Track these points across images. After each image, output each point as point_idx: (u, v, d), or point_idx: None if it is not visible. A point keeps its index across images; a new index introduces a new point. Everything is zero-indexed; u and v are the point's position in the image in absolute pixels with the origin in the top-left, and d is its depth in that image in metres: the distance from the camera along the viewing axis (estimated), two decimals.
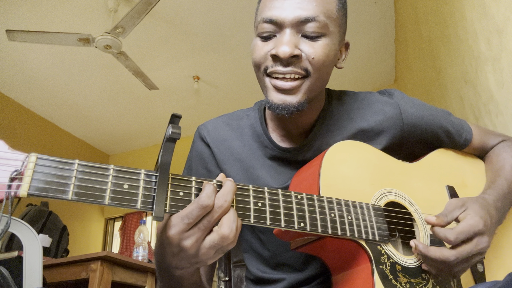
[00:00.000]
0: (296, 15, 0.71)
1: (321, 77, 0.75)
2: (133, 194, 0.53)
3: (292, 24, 0.72)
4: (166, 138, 0.53)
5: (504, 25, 1.05)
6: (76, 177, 0.51)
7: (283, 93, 0.73)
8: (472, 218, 0.68)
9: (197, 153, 0.90)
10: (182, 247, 0.56)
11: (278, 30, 0.74)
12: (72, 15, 3.28)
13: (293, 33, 0.72)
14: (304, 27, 0.72)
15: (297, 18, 0.72)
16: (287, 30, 0.72)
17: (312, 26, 0.72)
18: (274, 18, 0.73)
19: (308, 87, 0.74)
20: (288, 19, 0.72)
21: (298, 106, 0.73)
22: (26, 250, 1.48)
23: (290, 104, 0.73)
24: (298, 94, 0.73)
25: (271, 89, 0.75)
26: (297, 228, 0.62)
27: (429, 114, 0.87)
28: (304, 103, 0.74)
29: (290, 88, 0.73)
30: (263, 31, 0.75)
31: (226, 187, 0.57)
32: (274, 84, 0.74)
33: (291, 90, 0.73)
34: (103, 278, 1.96)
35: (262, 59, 0.75)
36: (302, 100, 0.74)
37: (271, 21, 0.73)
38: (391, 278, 0.67)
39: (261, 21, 0.75)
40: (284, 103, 0.73)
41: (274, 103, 0.74)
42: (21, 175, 0.48)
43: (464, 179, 0.89)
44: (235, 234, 0.56)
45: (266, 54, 0.74)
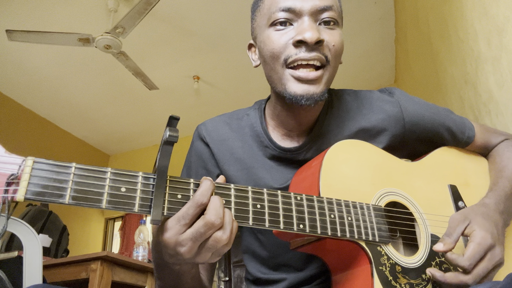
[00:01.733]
0: (314, 4, 0.73)
1: (336, 67, 0.77)
2: (130, 198, 0.53)
3: (310, 13, 0.73)
4: (163, 141, 0.53)
5: (504, 25, 1.05)
6: (73, 181, 0.51)
7: (307, 83, 0.73)
8: (479, 235, 0.67)
9: (196, 153, 0.89)
10: (178, 251, 0.56)
11: (296, 18, 0.74)
12: (72, 15, 3.27)
13: (312, 21, 0.74)
14: (321, 15, 0.74)
15: (316, 7, 0.73)
16: (305, 18, 0.73)
17: (329, 14, 0.74)
18: (293, 6, 0.74)
19: (328, 77, 0.75)
20: (307, 7, 0.73)
21: (321, 95, 0.74)
22: (26, 250, 1.48)
23: (314, 93, 0.73)
24: (321, 84, 0.74)
25: (292, 81, 0.74)
26: (296, 229, 0.62)
27: (430, 112, 0.86)
28: (325, 93, 0.75)
29: (314, 78, 0.73)
30: (278, 19, 0.75)
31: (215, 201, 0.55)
32: (297, 75, 0.73)
33: (315, 80, 0.73)
34: (103, 278, 1.96)
35: (282, 48, 0.74)
36: (324, 90, 0.74)
37: (289, 10, 0.74)
38: (390, 279, 0.67)
39: (277, 10, 0.75)
40: (307, 93, 0.73)
41: (298, 94, 0.73)
42: (17, 179, 0.48)
43: (466, 178, 0.88)
44: (229, 236, 0.55)
45: (286, 42, 0.74)
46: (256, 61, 0.85)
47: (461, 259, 0.65)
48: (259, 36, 0.81)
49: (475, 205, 0.76)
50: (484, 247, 0.66)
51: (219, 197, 0.57)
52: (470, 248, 0.66)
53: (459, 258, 0.65)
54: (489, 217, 0.72)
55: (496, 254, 0.67)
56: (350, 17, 3.37)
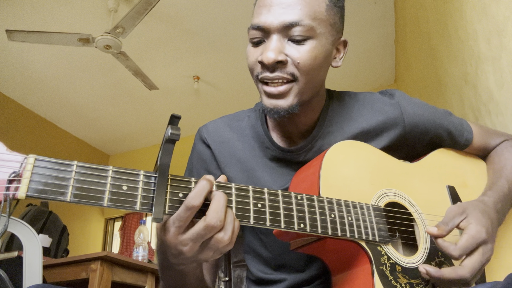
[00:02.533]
0: (280, 21, 0.73)
1: (310, 79, 0.75)
2: (132, 196, 0.53)
3: (278, 30, 0.73)
4: (165, 139, 0.53)
5: (504, 25, 1.05)
6: (74, 179, 0.51)
7: (274, 97, 0.75)
8: (474, 228, 0.68)
9: (198, 154, 0.90)
10: (180, 250, 0.56)
11: (266, 36, 0.75)
12: (72, 15, 3.28)
13: (280, 38, 0.74)
14: (289, 31, 0.73)
15: (282, 23, 0.73)
16: (274, 36, 0.74)
17: (298, 30, 0.73)
18: (261, 24, 0.74)
19: (298, 91, 0.75)
20: (274, 25, 0.73)
21: (288, 109, 0.75)
22: (26, 250, 1.48)
23: (280, 108, 0.74)
24: (288, 97, 0.75)
25: (263, 95, 0.77)
26: (297, 229, 0.62)
27: (430, 114, 0.87)
28: (295, 106, 0.75)
29: (279, 93, 0.74)
30: (253, 37, 0.77)
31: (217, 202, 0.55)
32: (265, 89, 0.75)
33: (280, 94, 0.74)
34: (103, 278, 1.96)
35: (254, 65, 0.77)
36: (293, 103, 0.75)
37: (259, 28, 0.75)
38: (391, 278, 0.67)
39: (251, 28, 0.77)
40: (275, 107, 0.75)
41: (267, 107, 0.76)
42: (19, 177, 0.48)
43: (465, 179, 0.88)
44: (230, 236, 0.55)
45: (255, 60, 0.76)
46: None
47: (453, 247, 0.66)
48: None
49: (475, 201, 0.77)
50: (478, 241, 0.67)
51: (223, 195, 0.56)
52: (463, 239, 0.67)
53: (451, 247, 0.66)
54: (487, 213, 0.73)
55: (488, 250, 0.68)
56: (350, 17, 3.36)
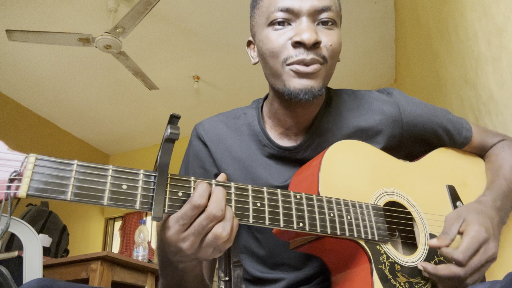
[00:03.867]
0: (312, 4, 0.74)
1: (333, 65, 0.78)
2: (132, 195, 0.54)
3: (309, 13, 0.74)
4: (164, 138, 0.54)
5: (504, 25, 1.05)
6: (75, 178, 0.51)
7: (306, 77, 0.74)
8: (473, 229, 0.68)
9: (194, 152, 0.89)
10: (180, 248, 0.56)
11: (295, 18, 0.75)
12: (72, 15, 3.28)
13: (310, 21, 0.74)
14: (319, 15, 0.75)
15: (314, 7, 0.74)
16: (304, 19, 0.74)
17: (327, 15, 0.75)
18: (291, 7, 0.74)
19: (325, 74, 0.76)
20: (305, 8, 0.74)
21: (319, 90, 0.74)
22: (26, 250, 1.49)
23: (312, 87, 0.74)
24: (318, 79, 0.75)
25: (292, 76, 0.74)
26: (296, 228, 0.62)
27: (428, 113, 0.87)
28: (322, 89, 0.76)
29: (313, 71, 0.73)
30: (277, 19, 0.75)
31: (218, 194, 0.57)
32: (296, 69, 0.74)
33: (313, 73, 0.74)
34: (103, 278, 1.96)
35: (281, 48, 0.75)
36: (321, 85, 0.75)
37: (288, 10, 0.75)
38: (390, 278, 0.67)
39: (275, 10, 0.75)
40: (306, 87, 0.73)
41: (297, 88, 0.74)
42: (20, 176, 0.48)
43: (464, 178, 0.88)
44: (229, 233, 0.56)
45: (285, 42, 0.75)
46: (255, 58, 0.85)
47: (456, 252, 0.66)
48: (257, 34, 0.81)
49: (471, 203, 0.77)
50: (478, 241, 0.67)
51: (221, 188, 0.58)
52: (464, 242, 0.67)
53: (454, 252, 0.66)
54: (484, 212, 0.73)
55: (490, 248, 0.67)
56: (350, 17, 3.38)
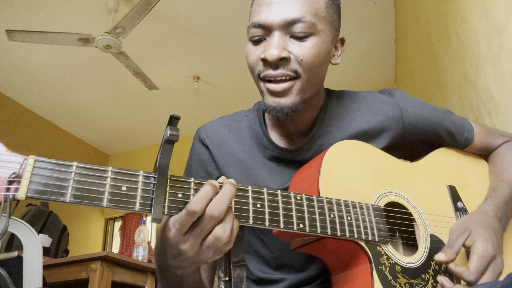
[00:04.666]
0: (282, 17, 0.73)
1: (312, 77, 0.76)
2: (131, 196, 0.53)
3: (279, 27, 0.73)
4: (164, 140, 0.53)
5: (504, 25, 1.05)
6: (74, 180, 0.51)
7: (277, 95, 0.74)
8: (481, 247, 0.67)
9: (196, 155, 0.90)
10: (180, 249, 0.56)
11: (267, 33, 0.75)
12: (72, 15, 3.28)
13: (281, 35, 0.73)
14: (291, 28, 0.73)
15: (284, 20, 0.73)
16: (276, 33, 0.73)
17: (300, 26, 0.73)
18: (262, 22, 0.74)
19: (301, 88, 0.75)
20: (275, 22, 0.73)
21: (292, 107, 0.74)
22: (26, 250, 1.48)
23: (284, 105, 0.74)
24: (291, 95, 0.74)
25: (266, 93, 0.76)
26: (296, 229, 0.62)
27: (430, 114, 0.87)
28: (298, 104, 0.75)
29: (282, 90, 0.74)
30: (253, 35, 0.76)
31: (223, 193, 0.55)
32: (267, 87, 0.75)
33: (284, 92, 0.74)
34: (103, 278, 1.96)
35: (255, 64, 0.76)
36: (296, 101, 0.75)
37: (260, 25, 0.74)
38: (390, 278, 0.67)
39: (251, 26, 0.76)
40: (278, 105, 0.74)
41: (269, 105, 0.75)
42: (19, 178, 0.48)
43: (465, 179, 0.88)
44: (229, 235, 0.55)
45: (257, 58, 0.76)
46: None
47: (467, 273, 0.65)
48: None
49: (474, 213, 0.76)
50: (487, 259, 0.66)
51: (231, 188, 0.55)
52: (473, 261, 0.66)
53: (465, 272, 0.65)
54: (489, 225, 0.72)
55: (498, 264, 0.67)
56: (350, 17, 3.38)
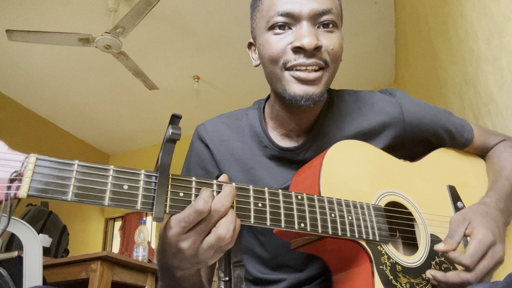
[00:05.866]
0: (313, 8, 0.73)
1: (335, 68, 0.77)
2: (133, 195, 0.53)
3: (309, 17, 0.73)
4: (166, 138, 0.53)
5: (504, 25, 1.05)
6: (75, 178, 0.51)
7: (306, 84, 0.74)
8: (480, 232, 0.67)
9: (195, 153, 0.89)
10: (180, 248, 0.56)
11: (295, 23, 0.74)
12: (72, 15, 3.28)
13: (311, 25, 0.74)
14: (320, 19, 0.74)
15: (314, 11, 0.73)
16: (304, 23, 0.73)
17: (328, 18, 0.74)
18: (291, 11, 0.73)
19: (328, 78, 0.76)
20: (305, 12, 0.73)
21: (320, 96, 0.74)
22: (26, 250, 1.48)
23: (313, 94, 0.74)
24: (320, 84, 0.74)
25: (293, 82, 0.74)
26: (298, 228, 0.62)
27: (431, 114, 0.87)
28: (324, 94, 0.75)
29: (314, 78, 0.73)
30: (277, 22, 0.75)
31: (225, 191, 0.57)
32: (297, 76, 0.74)
33: (314, 80, 0.73)
34: (103, 278, 1.96)
35: (281, 53, 0.74)
36: (323, 90, 0.75)
37: (288, 14, 0.74)
38: (391, 278, 0.67)
39: (275, 14, 0.75)
40: (307, 93, 0.73)
41: (297, 94, 0.74)
42: (20, 176, 0.48)
43: (465, 179, 0.88)
44: (232, 234, 0.55)
45: (285, 47, 0.74)
46: (256, 61, 0.85)
47: (463, 257, 0.65)
48: (258, 38, 0.80)
49: (475, 205, 0.76)
50: (486, 244, 0.66)
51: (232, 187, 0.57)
52: (471, 246, 0.66)
53: (461, 256, 0.65)
54: (489, 215, 0.72)
55: (497, 251, 0.67)
56: (350, 17, 3.38)
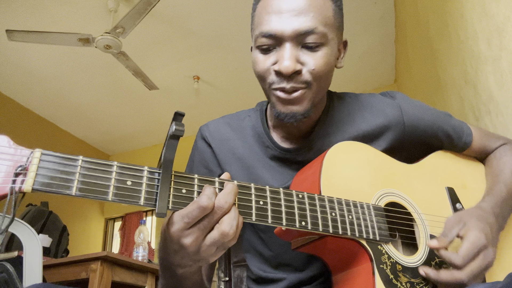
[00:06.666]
0: (294, 29, 0.71)
1: (322, 84, 0.77)
2: (136, 191, 0.54)
3: (291, 38, 0.72)
4: (169, 135, 0.54)
5: (504, 25, 1.05)
6: (80, 173, 0.51)
7: (289, 103, 0.75)
8: (473, 234, 0.68)
9: (198, 153, 0.91)
10: (182, 244, 0.56)
11: (278, 43, 0.74)
12: (72, 15, 3.28)
13: (293, 46, 0.73)
14: (303, 39, 0.72)
15: (296, 32, 0.71)
16: (287, 44, 0.72)
17: (312, 38, 0.72)
18: (273, 32, 0.73)
19: (312, 95, 0.76)
20: (287, 33, 0.72)
21: (304, 113, 0.76)
22: (26, 250, 1.49)
23: (297, 112, 0.75)
24: (303, 103, 0.75)
25: (277, 101, 0.76)
26: (298, 226, 0.63)
27: (430, 116, 0.87)
28: (310, 110, 0.76)
29: (294, 99, 0.74)
30: (262, 44, 0.75)
31: (228, 188, 0.57)
32: (280, 96, 0.75)
33: (296, 100, 0.74)
34: (103, 278, 1.96)
35: (266, 73, 0.76)
36: (307, 107, 0.76)
37: (271, 36, 0.73)
38: (391, 277, 0.67)
39: (259, 35, 0.75)
40: (291, 112, 0.75)
41: (282, 112, 0.76)
42: (25, 171, 0.49)
43: (463, 181, 0.89)
44: (235, 231, 0.55)
45: (268, 68, 0.75)
46: None
47: (455, 256, 0.66)
48: (252, 49, 0.81)
49: (471, 208, 0.77)
50: (478, 246, 0.67)
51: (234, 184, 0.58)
52: (464, 246, 0.67)
53: (453, 256, 0.66)
54: (484, 219, 0.73)
55: (489, 254, 0.68)
56: (350, 17, 3.37)
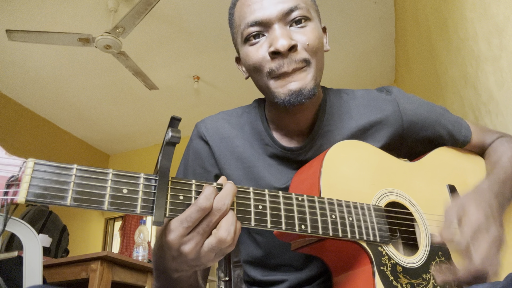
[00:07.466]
0: (279, 9, 0.74)
1: (319, 61, 0.77)
2: (132, 199, 0.53)
3: (278, 19, 0.74)
4: (165, 142, 0.53)
5: (504, 25, 1.05)
6: (74, 182, 0.50)
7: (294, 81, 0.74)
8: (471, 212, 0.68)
9: (194, 151, 0.88)
10: (182, 251, 0.55)
11: (266, 29, 0.75)
12: (72, 15, 3.27)
13: (282, 26, 0.74)
14: (289, 17, 0.74)
15: (281, 11, 0.74)
16: (276, 26, 0.74)
17: (297, 14, 0.74)
18: (259, 18, 0.74)
19: (314, 73, 0.75)
20: (274, 15, 0.74)
21: (311, 91, 0.74)
22: (26, 250, 1.49)
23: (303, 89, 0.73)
24: (307, 79, 0.74)
25: (280, 87, 0.75)
26: (298, 230, 0.62)
27: (428, 111, 0.87)
28: (315, 88, 0.75)
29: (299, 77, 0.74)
30: (250, 34, 0.75)
31: (226, 189, 0.56)
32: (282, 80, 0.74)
33: (300, 78, 0.74)
34: (103, 278, 1.96)
35: (262, 62, 0.75)
36: (312, 85, 0.75)
37: (257, 23, 0.74)
38: (392, 279, 0.67)
39: (246, 27, 0.75)
40: (298, 89, 0.73)
41: (286, 95, 0.74)
42: (18, 181, 0.47)
43: (465, 178, 0.88)
44: (233, 237, 0.55)
45: (264, 55, 0.75)
46: (245, 73, 0.85)
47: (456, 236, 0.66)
48: (240, 52, 0.82)
49: (469, 191, 0.77)
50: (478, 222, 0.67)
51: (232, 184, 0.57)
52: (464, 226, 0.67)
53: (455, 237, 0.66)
54: (481, 197, 0.73)
55: (491, 229, 0.67)
56: (350, 17, 3.38)
